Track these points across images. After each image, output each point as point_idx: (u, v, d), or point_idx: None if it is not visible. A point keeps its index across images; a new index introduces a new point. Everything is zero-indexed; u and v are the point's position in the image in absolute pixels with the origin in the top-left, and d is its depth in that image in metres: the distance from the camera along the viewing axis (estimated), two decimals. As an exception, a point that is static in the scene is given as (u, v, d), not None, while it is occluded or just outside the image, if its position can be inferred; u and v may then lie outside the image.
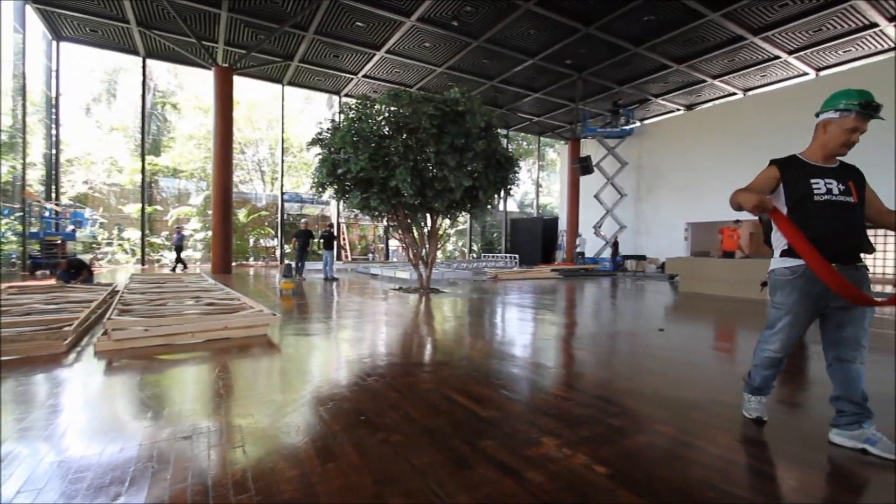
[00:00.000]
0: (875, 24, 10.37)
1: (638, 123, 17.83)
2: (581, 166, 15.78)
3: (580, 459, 1.87)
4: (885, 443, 1.92)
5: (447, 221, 9.26)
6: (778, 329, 2.18)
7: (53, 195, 12.72)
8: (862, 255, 2.04)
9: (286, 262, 9.79)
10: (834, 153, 2.11)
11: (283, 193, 17.19)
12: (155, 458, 1.83)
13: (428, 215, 8.90)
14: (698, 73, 13.56)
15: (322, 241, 11.28)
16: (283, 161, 17.57)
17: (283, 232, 17.62)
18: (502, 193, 8.87)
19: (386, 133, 7.87)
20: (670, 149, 16.52)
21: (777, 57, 12.18)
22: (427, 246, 9.00)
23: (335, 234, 11.69)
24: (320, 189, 8.45)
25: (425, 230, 9.00)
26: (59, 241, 11.61)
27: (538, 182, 26.14)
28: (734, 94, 15.12)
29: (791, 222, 2.01)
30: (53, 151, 12.81)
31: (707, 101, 16.07)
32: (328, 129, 8.37)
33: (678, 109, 16.88)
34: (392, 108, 7.85)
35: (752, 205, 1.97)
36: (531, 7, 9.80)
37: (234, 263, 13.86)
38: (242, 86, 17.37)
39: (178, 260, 12.46)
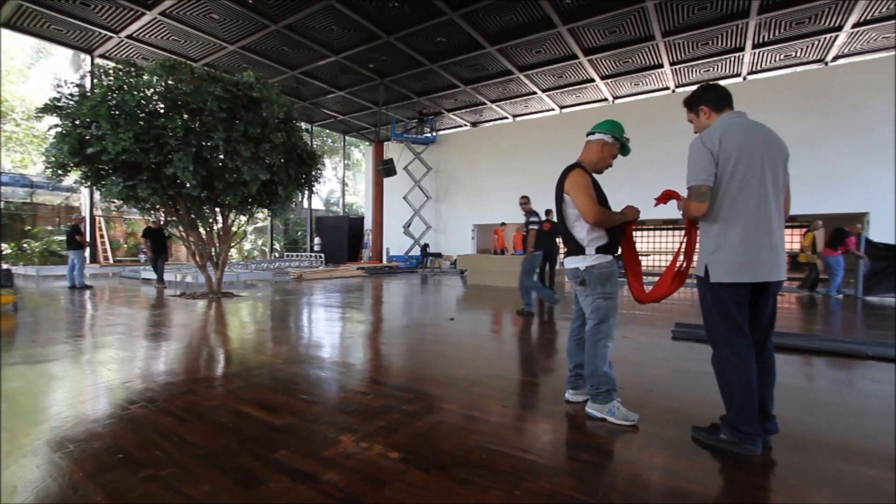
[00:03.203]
0: (592, 80, 13.88)
1: (435, 133, 19.50)
2: (384, 168, 16.35)
3: (376, 449, 1.96)
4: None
5: (243, 218, 8.37)
6: (614, 317, 2.38)
7: None
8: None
9: (3, 266, 7.22)
10: (598, 170, 2.50)
11: (-6, 174, 12.58)
12: None
13: (218, 210, 7.87)
14: (480, 96, 15.66)
15: (66, 239, 8.76)
16: (-7, 130, 12.84)
17: (0, 225, 12.94)
18: (306, 190, 8.51)
19: (160, 110, 6.62)
20: (461, 158, 18.67)
21: (535, 92, 15.07)
22: (217, 245, 7.96)
23: (82, 229, 9.20)
24: (59, 172, 6.55)
25: (216, 227, 7.94)
26: None
27: (344, 181, 25.99)
28: (506, 118, 18.03)
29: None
30: None
31: (487, 121, 18.71)
32: (73, 94, 6.54)
33: (466, 125, 19.16)
34: (169, 82, 6.64)
35: (634, 217, 2.36)
36: (333, 3, 9.65)
37: None
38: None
39: None
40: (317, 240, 19.31)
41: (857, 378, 3.21)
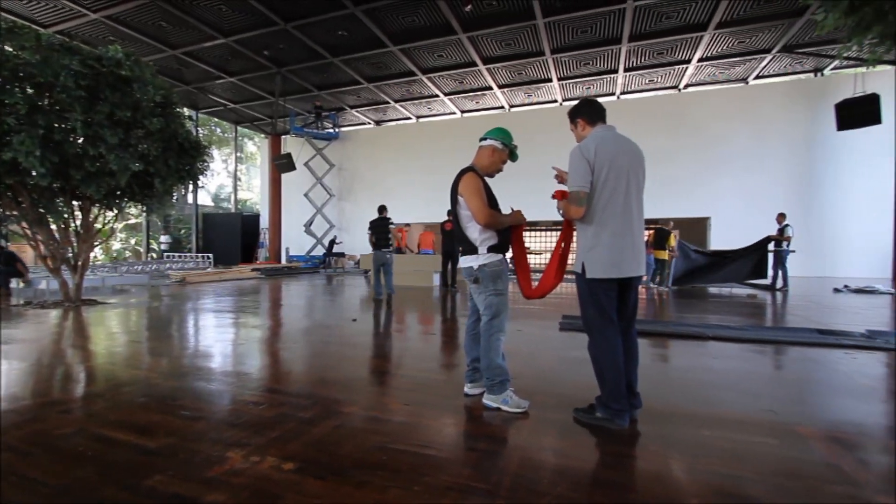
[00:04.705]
0: (490, 87, 14.57)
1: (338, 130, 18.91)
2: (281, 163, 15.39)
3: (268, 462, 1.85)
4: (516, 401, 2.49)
5: (109, 213, 7.29)
6: (506, 312, 2.51)
7: None
8: None
9: None
10: (490, 174, 2.63)
11: None
12: None
13: (76, 204, 6.76)
14: (384, 95, 15.53)
15: None
16: None
17: None
18: (189, 184, 7.69)
19: (-9, 82, 5.47)
20: (365, 156, 18.34)
21: (437, 95, 15.38)
22: (75, 245, 6.83)
23: None
24: None
25: (73, 224, 6.80)
26: None
27: (236, 175, 23.93)
28: (409, 118, 18.14)
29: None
30: None
31: (391, 121, 18.63)
32: None
33: (370, 123, 18.87)
34: (7, 48, 5.52)
35: (520, 221, 2.55)
36: (223, -20, 8.85)
37: None
38: None
39: None
40: (164, 237, 17.75)
41: (701, 356, 3.83)
